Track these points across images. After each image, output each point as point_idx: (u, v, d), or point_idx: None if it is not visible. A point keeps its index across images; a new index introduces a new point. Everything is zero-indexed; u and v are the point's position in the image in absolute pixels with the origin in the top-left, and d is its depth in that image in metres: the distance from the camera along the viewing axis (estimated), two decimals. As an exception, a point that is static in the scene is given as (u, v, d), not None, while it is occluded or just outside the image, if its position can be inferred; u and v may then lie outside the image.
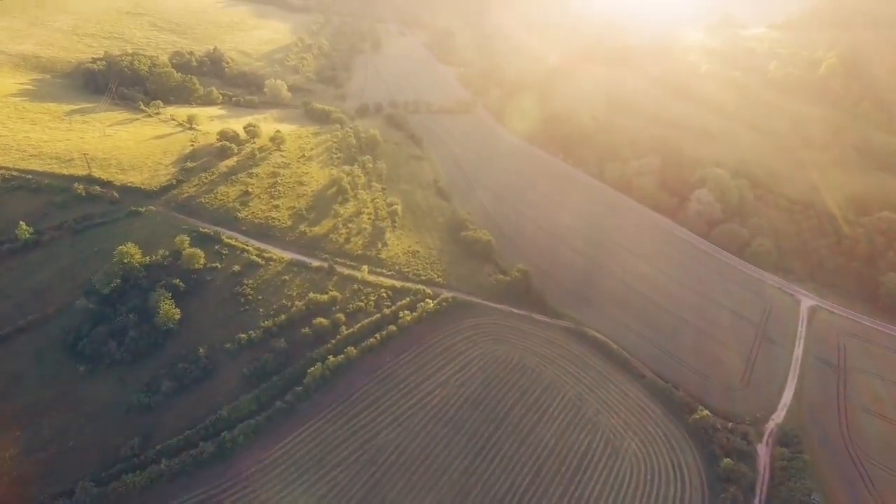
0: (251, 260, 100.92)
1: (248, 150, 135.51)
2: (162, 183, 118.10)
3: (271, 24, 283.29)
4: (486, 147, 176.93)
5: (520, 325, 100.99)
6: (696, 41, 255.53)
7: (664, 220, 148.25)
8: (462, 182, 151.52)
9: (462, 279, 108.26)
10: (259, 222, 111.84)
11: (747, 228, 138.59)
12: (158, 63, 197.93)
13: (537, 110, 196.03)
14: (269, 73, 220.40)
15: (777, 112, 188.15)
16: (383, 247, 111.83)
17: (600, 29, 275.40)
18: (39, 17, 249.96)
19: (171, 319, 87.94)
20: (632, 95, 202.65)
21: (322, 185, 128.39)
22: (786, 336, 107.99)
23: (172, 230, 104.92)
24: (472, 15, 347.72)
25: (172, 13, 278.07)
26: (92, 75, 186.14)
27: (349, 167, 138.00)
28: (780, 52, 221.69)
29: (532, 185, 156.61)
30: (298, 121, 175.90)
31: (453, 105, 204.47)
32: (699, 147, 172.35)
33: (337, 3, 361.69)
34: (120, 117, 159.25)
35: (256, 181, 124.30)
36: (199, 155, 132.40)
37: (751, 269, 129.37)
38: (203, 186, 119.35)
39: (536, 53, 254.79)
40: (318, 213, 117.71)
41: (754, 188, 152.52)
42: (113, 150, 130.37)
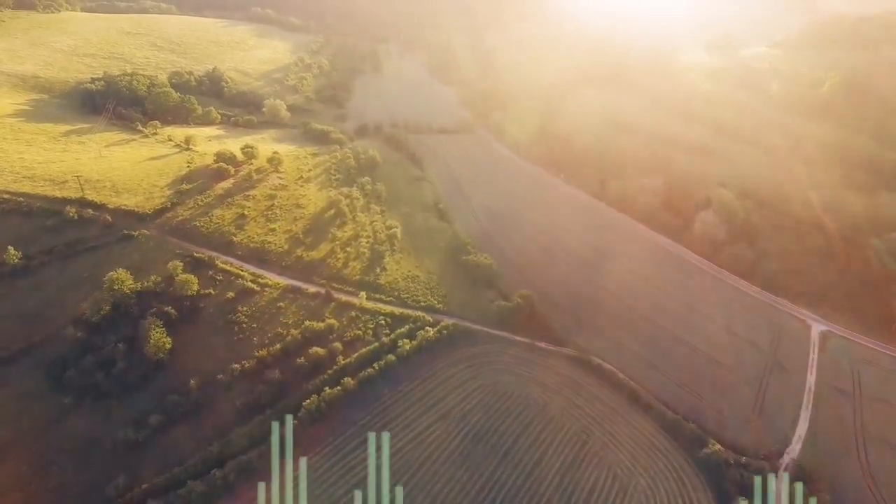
0: (246, 286, 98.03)
1: (244, 172, 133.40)
2: (156, 206, 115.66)
3: (272, 44, 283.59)
4: (488, 167, 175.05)
5: (522, 354, 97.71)
6: (696, 60, 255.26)
7: (668, 241, 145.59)
8: (463, 203, 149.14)
9: (463, 305, 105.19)
10: (255, 246, 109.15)
11: (754, 250, 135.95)
12: (157, 83, 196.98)
13: (538, 130, 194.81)
14: (269, 92, 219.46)
15: (780, 131, 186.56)
16: (382, 272, 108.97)
17: (600, 47, 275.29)
18: (41, 38, 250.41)
19: (162, 349, 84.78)
20: (633, 115, 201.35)
21: (320, 208, 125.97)
22: (797, 363, 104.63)
23: (165, 255, 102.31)
24: (472, 35, 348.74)
25: (173, 33, 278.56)
26: (90, 95, 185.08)
27: (348, 189, 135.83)
28: (780, 71, 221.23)
29: (534, 206, 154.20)
30: (297, 141, 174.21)
31: (454, 125, 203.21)
32: (702, 166, 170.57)
33: (338, 23, 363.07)
34: (116, 138, 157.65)
35: (253, 204, 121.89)
36: (194, 177, 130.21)
37: (759, 293, 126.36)
38: (198, 209, 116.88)
39: (537, 73, 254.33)
40: (315, 237, 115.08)
41: (760, 208, 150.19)
42: (108, 172, 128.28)
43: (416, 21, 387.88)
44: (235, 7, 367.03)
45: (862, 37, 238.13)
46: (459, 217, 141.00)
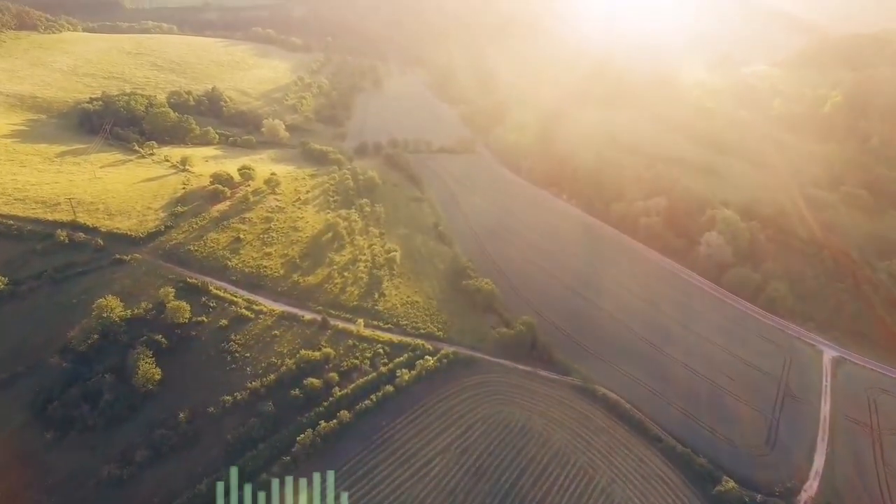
0: (240, 313, 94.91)
1: (241, 194, 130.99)
2: (150, 229, 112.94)
3: (272, 63, 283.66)
4: (488, 187, 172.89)
5: (525, 383, 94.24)
6: (697, 78, 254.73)
7: (673, 263, 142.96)
8: (463, 225, 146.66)
9: (464, 332, 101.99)
10: (250, 271, 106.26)
11: (760, 272, 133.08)
12: (155, 103, 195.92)
13: (540, 149, 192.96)
14: (268, 112, 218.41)
15: (783, 150, 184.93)
16: (380, 297, 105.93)
17: (600, 66, 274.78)
18: (40, 58, 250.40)
19: (151, 380, 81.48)
20: (635, 134, 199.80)
21: (317, 231, 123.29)
22: (810, 391, 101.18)
23: (158, 280, 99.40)
24: (473, 53, 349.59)
25: (173, 53, 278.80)
26: (87, 115, 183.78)
27: (346, 211, 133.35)
28: (782, 90, 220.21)
29: (535, 228, 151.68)
30: (295, 161, 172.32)
31: (454, 144, 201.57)
32: (705, 186, 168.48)
33: (338, 41, 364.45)
34: (112, 158, 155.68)
35: (249, 227, 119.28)
36: (190, 199, 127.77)
37: (766, 317, 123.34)
38: (192, 233, 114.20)
39: (537, 91, 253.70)
40: (312, 262, 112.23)
41: (765, 229, 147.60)
42: (102, 194, 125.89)
43: (416, 39, 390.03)
44: (236, 27, 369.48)
45: (861, 56, 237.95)
46: (459, 239, 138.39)
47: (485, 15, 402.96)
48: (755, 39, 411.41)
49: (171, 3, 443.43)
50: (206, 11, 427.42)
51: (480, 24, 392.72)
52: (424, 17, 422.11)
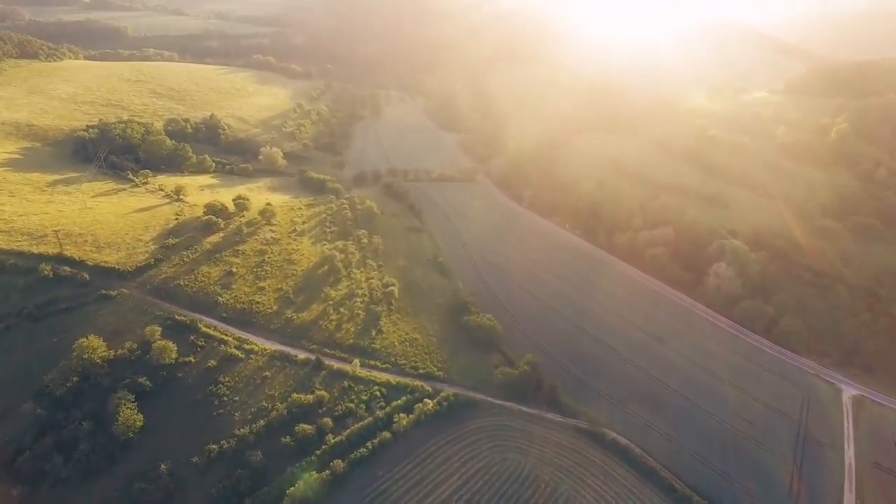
0: (229, 353, 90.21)
1: (235, 225, 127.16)
2: (139, 262, 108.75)
3: (271, 91, 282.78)
4: (489, 218, 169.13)
5: (530, 428, 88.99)
6: (699, 105, 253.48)
7: (680, 295, 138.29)
8: (464, 256, 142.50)
9: (464, 372, 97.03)
10: (241, 308, 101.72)
11: (772, 305, 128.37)
12: (152, 130, 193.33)
13: (541, 177, 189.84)
14: (266, 139, 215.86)
15: (790, 178, 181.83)
16: (378, 335, 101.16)
17: (601, 92, 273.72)
18: (39, 86, 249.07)
19: (132, 428, 76.49)
20: (638, 162, 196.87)
21: (313, 264, 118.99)
22: (832, 434, 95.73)
23: (144, 318, 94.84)
24: (472, 80, 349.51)
25: (173, 80, 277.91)
26: (82, 143, 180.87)
27: (343, 242, 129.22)
28: (785, 118, 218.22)
29: (538, 260, 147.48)
30: (293, 190, 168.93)
31: (454, 173, 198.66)
32: (712, 215, 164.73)
33: (338, 69, 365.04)
34: (105, 187, 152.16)
35: (242, 260, 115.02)
36: (182, 230, 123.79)
37: (780, 352, 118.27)
38: (183, 266, 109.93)
39: (537, 117, 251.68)
40: (306, 297, 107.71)
41: (774, 260, 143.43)
42: (91, 225, 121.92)
43: (416, 66, 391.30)
44: (237, 54, 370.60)
45: (862, 84, 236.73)
46: (460, 271, 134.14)
47: (484, 42, 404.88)
48: (752, 66, 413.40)
49: (173, 31, 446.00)
50: (207, 39, 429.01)
51: (480, 51, 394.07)
52: (424, 45, 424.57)
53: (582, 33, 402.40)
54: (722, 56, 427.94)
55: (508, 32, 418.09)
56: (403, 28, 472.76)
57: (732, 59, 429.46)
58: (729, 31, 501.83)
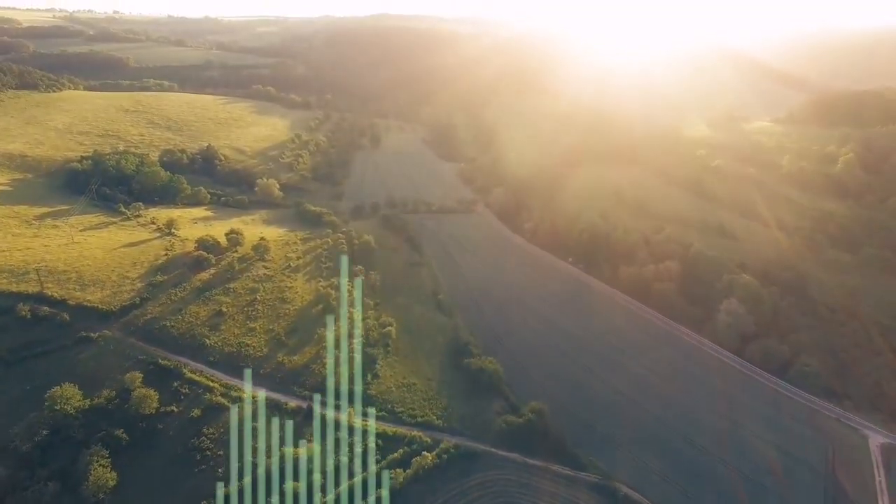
0: (215, 401, 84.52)
1: (227, 261, 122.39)
2: (124, 301, 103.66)
3: (270, 121, 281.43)
4: (490, 251, 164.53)
5: (537, 482, 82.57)
6: (701, 134, 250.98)
7: (690, 333, 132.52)
8: (464, 292, 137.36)
9: (465, 420, 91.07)
10: (230, 351, 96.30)
11: (787, 344, 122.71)
12: (147, 161, 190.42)
13: (542, 209, 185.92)
14: (263, 170, 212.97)
15: (797, 209, 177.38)
16: (374, 379, 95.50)
17: (602, 122, 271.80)
18: (36, 117, 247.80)
19: (104, 488, 70.31)
20: (641, 193, 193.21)
21: (307, 302, 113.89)
22: (862, 488, 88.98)
23: (126, 362, 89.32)
24: (472, 109, 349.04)
25: (172, 110, 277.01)
26: (75, 175, 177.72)
27: (339, 279, 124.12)
28: (789, 147, 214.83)
29: (541, 295, 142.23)
30: (289, 223, 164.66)
31: (454, 204, 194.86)
32: (719, 247, 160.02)
33: (338, 99, 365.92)
34: (95, 220, 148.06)
35: (232, 299, 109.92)
36: (172, 266, 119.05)
37: (798, 395, 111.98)
38: (170, 305, 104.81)
39: (538, 148, 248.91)
40: (299, 338, 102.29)
41: (787, 295, 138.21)
42: (76, 261, 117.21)
43: (415, 96, 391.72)
44: (238, 84, 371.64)
45: (865, 113, 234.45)
46: (461, 308, 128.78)
47: (484, 73, 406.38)
48: (749, 94, 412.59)
49: (175, 61, 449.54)
50: (208, 69, 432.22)
51: (479, 81, 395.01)
52: (424, 75, 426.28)
53: (581, 63, 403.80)
54: (718, 85, 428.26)
55: (508, 63, 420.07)
56: (403, 58, 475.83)
57: (728, 88, 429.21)
58: (723, 59, 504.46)
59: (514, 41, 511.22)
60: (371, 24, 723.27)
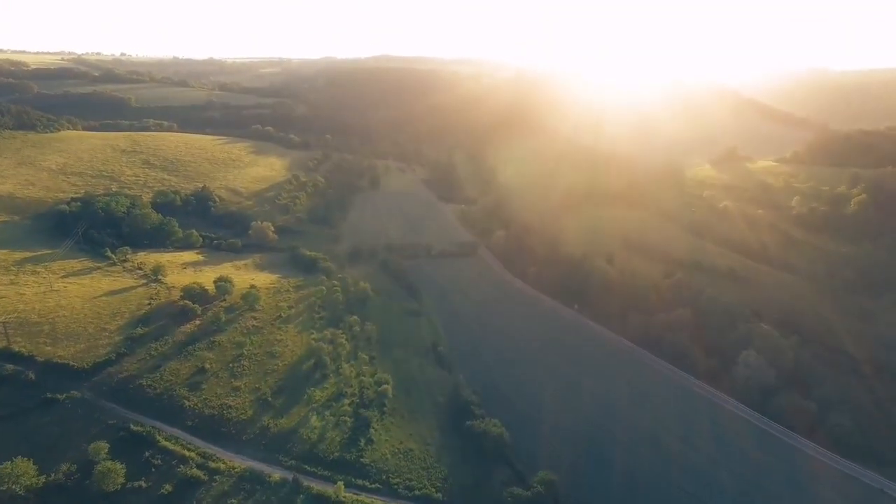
0: (190, 474, 75.63)
1: (213, 312, 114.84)
2: (98, 357, 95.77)
3: (268, 161, 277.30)
4: (493, 298, 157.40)
5: (550, 568, 73.54)
6: (707, 175, 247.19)
7: (706, 387, 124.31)
8: (466, 344, 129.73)
9: (468, 492, 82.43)
10: (211, 413, 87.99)
11: (814, 400, 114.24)
12: (139, 203, 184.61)
13: (546, 253, 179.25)
14: (259, 212, 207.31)
15: (810, 252, 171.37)
16: (367, 445, 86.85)
17: (605, 162, 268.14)
18: (30, 157, 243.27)
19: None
20: (648, 235, 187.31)
21: (297, 357, 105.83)
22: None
23: (93, 428, 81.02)
24: (473, 149, 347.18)
25: (168, 151, 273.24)
26: (62, 217, 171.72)
27: (333, 330, 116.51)
28: (798, 188, 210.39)
29: (546, 346, 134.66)
30: (282, 268, 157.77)
31: (454, 248, 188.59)
32: (731, 293, 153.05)
33: (338, 139, 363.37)
34: (79, 266, 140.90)
35: (217, 354, 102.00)
36: (155, 317, 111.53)
37: (830, 458, 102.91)
38: (149, 362, 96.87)
39: (541, 189, 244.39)
40: (287, 398, 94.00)
41: (807, 345, 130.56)
42: (52, 311, 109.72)
43: (416, 136, 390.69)
44: (238, 124, 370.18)
45: (872, 153, 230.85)
46: (462, 362, 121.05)
47: (484, 112, 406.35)
48: (750, 134, 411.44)
49: (176, 101, 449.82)
50: (209, 109, 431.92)
51: (480, 121, 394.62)
52: (424, 115, 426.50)
53: (580, 102, 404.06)
54: (716, 124, 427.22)
55: (507, 102, 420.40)
56: (404, 99, 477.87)
57: (727, 127, 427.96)
58: (719, 98, 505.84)
59: (514, 81, 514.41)
60: (372, 66, 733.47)
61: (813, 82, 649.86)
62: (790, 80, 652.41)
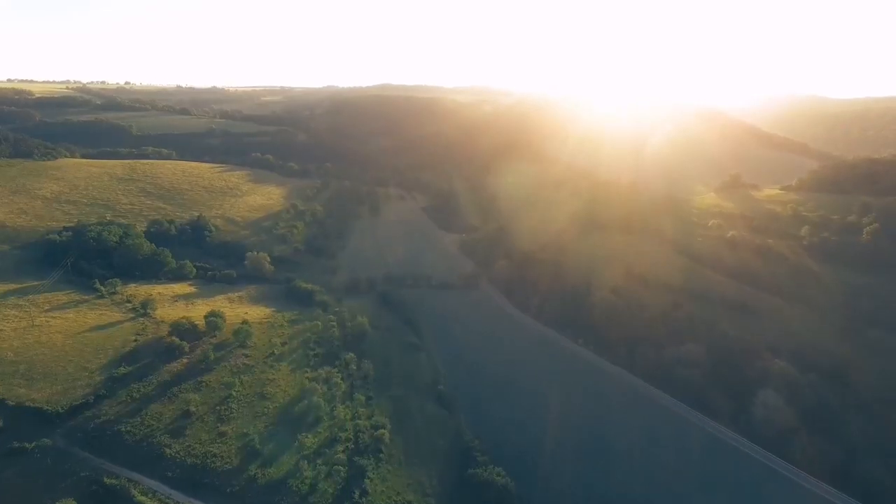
0: (165, 535, 69.27)
1: (202, 349, 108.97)
2: (76, 400, 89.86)
3: (266, 190, 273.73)
4: (494, 331, 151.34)
5: None
6: (711, 203, 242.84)
7: (721, 429, 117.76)
8: (468, 381, 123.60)
9: (472, 552, 75.45)
10: (193, 463, 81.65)
11: (839, 444, 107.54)
12: (131, 233, 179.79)
13: (549, 284, 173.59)
14: (255, 242, 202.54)
15: (824, 283, 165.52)
16: (362, 497, 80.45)
17: (608, 189, 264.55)
18: (25, 185, 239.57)
19: None
20: (654, 265, 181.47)
21: (289, 399, 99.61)
22: None
23: (62, 482, 74.69)
24: (474, 177, 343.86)
25: (166, 179, 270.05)
26: (52, 247, 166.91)
27: (328, 369, 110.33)
28: (807, 216, 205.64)
29: (550, 382, 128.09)
30: (277, 300, 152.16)
31: (455, 279, 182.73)
32: (743, 327, 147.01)
33: (338, 166, 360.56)
34: (65, 299, 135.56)
35: (203, 395, 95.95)
36: (140, 355, 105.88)
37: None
38: (130, 404, 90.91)
39: (543, 217, 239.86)
40: (277, 445, 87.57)
41: (828, 383, 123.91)
42: (31, 349, 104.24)
43: (416, 164, 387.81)
44: (238, 152, 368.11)
45: (881, 181, 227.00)
46: (464, 400, 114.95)
47: (485, 139, 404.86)
48: (751, 161, 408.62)
49: (177, 129, 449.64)
50: (209, 137, 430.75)
51: (481, 148, 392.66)
52: (425, 142, 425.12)
53: (581, 129, 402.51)
54: (717, 150, 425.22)
55: (508, 129, 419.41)
56: (405, 126, 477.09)
57: (727, 153, 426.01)
58: (719, 124, 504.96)
59: (515, 108, 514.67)
60: (374, 94, 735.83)
61: (810, 110, 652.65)
62: (788, 108, 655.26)
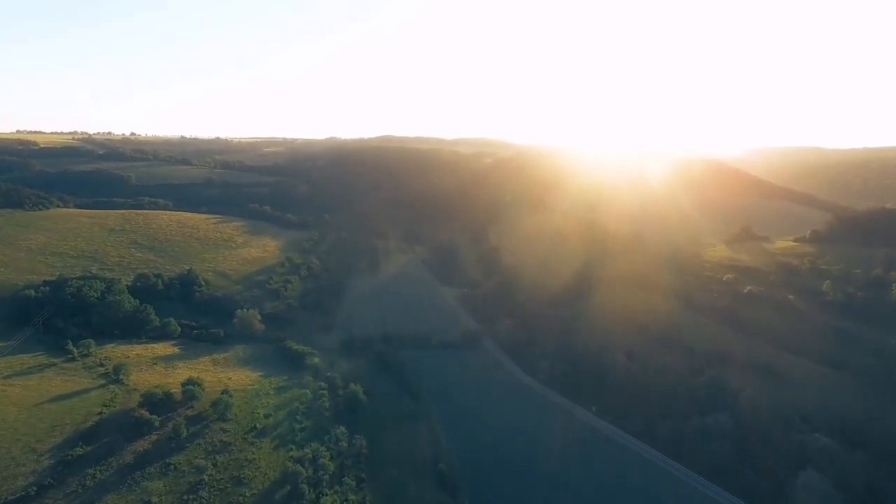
0: None
1: (173, 425, 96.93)
2: (14, 492, 77.41)
3: (261, 242, 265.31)
4: (501, 397, 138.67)
5: None
6: (724, 256, 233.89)
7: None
8: (472, 456, 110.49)
9: None
10: (147, 573, 68.76)
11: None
12: (114, 288, 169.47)
13: (557, 344, 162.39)
14: (247, 297, 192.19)
15: (854, 343, 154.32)
16: None
17: (614, 242, 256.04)
18: (11, 236, 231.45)
19: None
20: (670, 325, 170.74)
21: (270, 484, 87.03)
22: None
23: None
24: (475, 230, 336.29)
25: (159, 230, 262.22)
26: (26, 303, 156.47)
27: (315, 446, 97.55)
28: (826, 270, 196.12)
29: (566, 459, 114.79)
30: (266, 363, 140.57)
31: (457, 338, 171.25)
32: (770, 393, 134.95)
33: (337, 218, 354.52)
34: (31, 362, 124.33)
35: (169, 482, 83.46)
36: (102, 431, 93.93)
37: None
38: (81, 495, 78.47)
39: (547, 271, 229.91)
40: (249, 547, 74.96)
41: (881, 463, 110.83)
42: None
43: (417, 216, 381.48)
44: (236, 202, 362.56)
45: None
46: (468, 480, 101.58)
47: (486, 191, 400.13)
48: (760, 213, 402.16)
49: (176, 179, 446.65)
50: (208, 187, 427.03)
51: (482, 200, 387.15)
52: (425, 195, 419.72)
53: (584, 180, 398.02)
54: (720, 200, 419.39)
55: (510, 181, 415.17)
56: (405, 178, 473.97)
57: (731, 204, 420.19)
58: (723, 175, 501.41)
59: (516, 159, 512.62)
60: (375, 146, 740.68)
61: (810, 161, 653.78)
62: (786, 159, 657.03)
